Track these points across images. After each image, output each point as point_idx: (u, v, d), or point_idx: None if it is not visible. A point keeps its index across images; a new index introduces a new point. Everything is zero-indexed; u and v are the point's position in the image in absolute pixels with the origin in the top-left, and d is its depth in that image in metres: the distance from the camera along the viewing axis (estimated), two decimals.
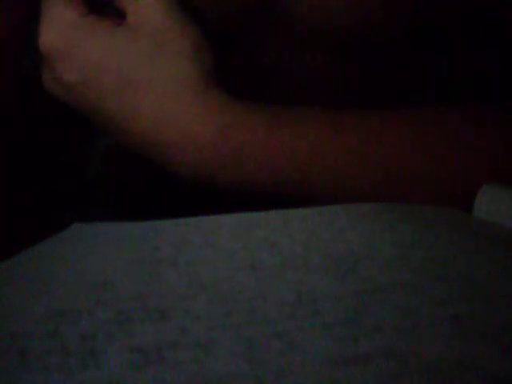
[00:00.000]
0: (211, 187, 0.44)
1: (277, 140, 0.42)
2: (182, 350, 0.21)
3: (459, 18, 0.46)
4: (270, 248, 0.30)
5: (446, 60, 0.49)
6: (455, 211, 0.37)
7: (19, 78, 0.51)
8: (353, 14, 0.44)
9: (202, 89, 0.43)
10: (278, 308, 0.24)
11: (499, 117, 0.43)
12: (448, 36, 0.48)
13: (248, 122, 0.42)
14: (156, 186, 0.53)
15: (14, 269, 0.30)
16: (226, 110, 0.43)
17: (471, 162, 0.42)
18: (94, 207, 0.54)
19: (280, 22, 0.46)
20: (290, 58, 0.48)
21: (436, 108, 0.44)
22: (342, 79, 0.49)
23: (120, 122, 0.44)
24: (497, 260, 0.28)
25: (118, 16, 0.45)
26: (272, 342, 0.21)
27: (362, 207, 0.36)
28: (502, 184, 0.37)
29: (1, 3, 0.49)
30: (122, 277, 0.28)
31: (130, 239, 0.33)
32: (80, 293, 0.26)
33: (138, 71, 0.43)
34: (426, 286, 0.25)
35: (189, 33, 0.43)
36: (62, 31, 0.44)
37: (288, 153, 0.42)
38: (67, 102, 0.45)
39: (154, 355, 0.20)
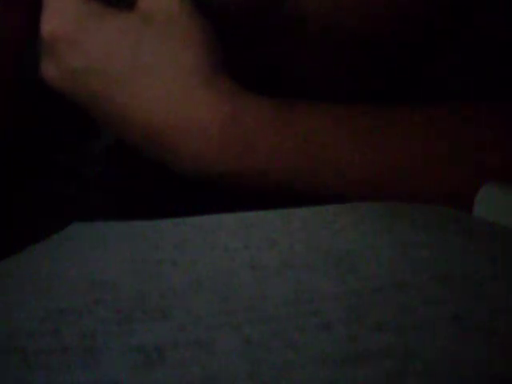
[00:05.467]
0: (215, 184, 0.44)
1: (283, 129, 0.42)
2: (182, 349, 0.21)
3: (459, 18, 0.46)
4: (269, 248, 0.30)
5: (447, 60, 0.49)
6: (455, 211, 0.37)
7: (19, 78, 0.51)
8: (360, 14, 0.44)
9: (211, 76, 0.43)
10: (278, 307, 0.24)
11: (501, 117, 0.43)
12: (448, 37, 0.48)
13: (256, 110, 0.42)
14: (156, 186, 0.53)
15: (14, 268, 0.30)
16: (235, 97, 0.42)
17: (477, 162, 0.42)
18: (93, 207, 0.54)
19: (288, 21, 0.46)
20: (295, 56, 0.48)
21: (439, 106, 0.44)
22: (345, 78, 0.49)
23: (125, 111, 0.43)
24: (497, 260, 0.28)
25: (124, 5, 0.44)
26: (272, 341, 0.21)
27: (362, 207, 0.36)
28: (502, 184, 0.37)
29: (1, 3, 0.48)
30: (122, 276, 0.28)
31: (130, 239, 0.33)
32: (80, 292, 0.26)
33: (147, 57, 0.42)
34: (425, 286, 0.25)
35: (200, 23, 0.43)
36: (66, 17, 0.43)
37: (293, 143, 0.42)
38: (69, 92, 0.44)
39: (154, 354, 0.20)
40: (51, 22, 0.43)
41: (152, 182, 0.52)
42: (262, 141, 0.42)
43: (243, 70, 0.46)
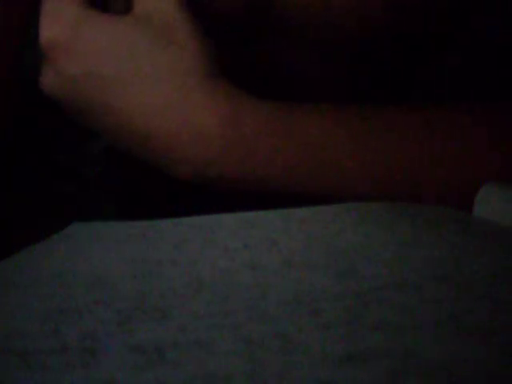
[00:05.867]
0: (213, 187, 0.43)
1: (282, 131, 0.42)
2: (182, 349, 0.21)
3: (456, 21, 0.46)
4: (269, 247, 0.30)
5: (447, 60, 0.49)
6: (455, 211, 0.37)
7: (19, 78, 0.51)
8: (354, 15, 0.44)
9: (208, 79, 0.43)
10: (278, 307, 0.24)
11: (499, 116, 0.43)
12: (445, 39, 0.48)
13: (255, 112, 0.42)
14: (156, 186, 0.53)
15: (14, 268, 0.30)
16: (234, 100, 0.42)
17: (476, 162, 0.42)
18: (94, 207, 0.54)
19: (282, 22, 0.46)
20: (291, 58, 0.48)
21: (438, 107, 0.44)
22: (343, 79, 0.49)
23: (121, 116, 0.43)
24: (497, 259, 0.28)
25: (121, 10, 0.45)
26: (272, 341, 0.21)
27: (362, 207, 0.36)
28: (502, 184, 0.37)
29: (3, 3, 0.48)
30: (122, 276, 0.28)
31: (130, 239, 0.33)
32: (80, 292, 0.26)
33: (143, 61, 0.42)
34: (425, 286, 0.25)
35: (196, 27, 0.43)
36: (64, 24, 0.43)
37: (293, 145, 0.42)
38: (66, 99, 0.44)
39: (154, 354, 0.20)
40: (50, 29, 0.43)
41: (152, 182, 0.52)
42: (261, 143, 0.42)
43: (241, 71, 0.46)
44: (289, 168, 0.42)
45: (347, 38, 0.46)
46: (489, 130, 0.43)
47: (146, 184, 0.53)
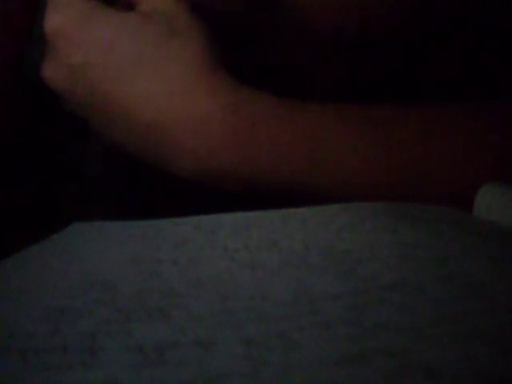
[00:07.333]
0: (213, 184, 0.43)
1: (283, 122, 0.42)
2: (182, 349, 0.21)
3: (458, 19, 0.46)
4: (269, 247, 0.30)
5: (447, 60, 0.49)
6: (455, 211, 0.37)
7: (19, 78, 0.51)
8: (354, 15, 0.44)
9: (210, 72, 0.43)
10: (278, 307, 0.24)
11: (501, 117, 0.43)
12: (447, 37, 0.48)
13: (257, 103, 0.42)
14: (156, 186, 0.53)
15: (14, 268, 0.30)
16: (235, 91, 0.42)
17: (477, 162, 0.42)
18: (94, 207, 0.54)
19: (282, 22, 0.46)
20: (290, 58, 0.48)
21: (438, 107, 0.44)
22: (343, 79, 0.49)
23: (122, 108, 0.43)
24: (497, 259, 0.28)
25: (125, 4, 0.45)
26: (272, 341, 0.21)
27: (361, 207, 0.36)
28: (502, 184, 0.37)
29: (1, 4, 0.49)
30: (122, 276, 0.28)
31: (130, 238, 0.33)
32: (80, 292, 0.26)
33: (146, 53, 0.43)
34: (425, 286, 0.25)
35: (198, 23, 0.44)
36: (69, 13, 0.44)
37: (294, 136, 0.42)
38: (67, 90, 0.44)
39: (153, 354, 0.20)
40: (55, 18, 0.44)
41: (152, 181, 0.52)
42: (262, 133, 0.42)
43: (243, 69, 0.46)
44: (290, 160, 0.42)
45: (347, 39, 0.46)
46: (489, 130, 0.43)
47: (146, 184, 0.53)
